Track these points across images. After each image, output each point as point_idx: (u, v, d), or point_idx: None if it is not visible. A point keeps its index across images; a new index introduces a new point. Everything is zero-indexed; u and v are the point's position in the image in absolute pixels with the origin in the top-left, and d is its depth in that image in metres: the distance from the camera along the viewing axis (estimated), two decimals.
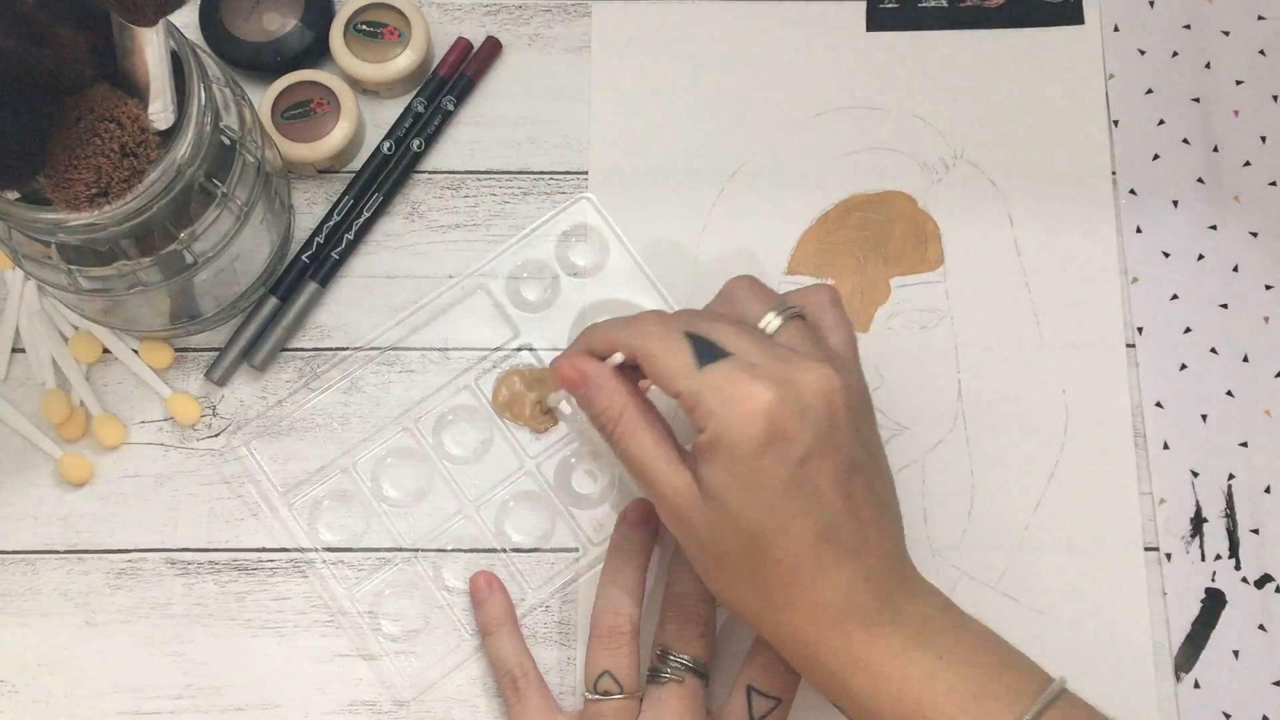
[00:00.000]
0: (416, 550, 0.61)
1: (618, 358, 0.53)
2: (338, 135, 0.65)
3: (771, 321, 0.53)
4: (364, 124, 0.66)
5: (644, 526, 0.59)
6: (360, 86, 0.66)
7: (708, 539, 0.51)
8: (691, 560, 0.54)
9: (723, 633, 0.59)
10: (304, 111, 0.65)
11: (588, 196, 0.65)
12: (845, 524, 0.50)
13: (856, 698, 0.50)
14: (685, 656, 0.55)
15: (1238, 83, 0.67)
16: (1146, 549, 0.61)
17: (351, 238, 0.64)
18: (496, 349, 0.64)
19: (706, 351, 0.51)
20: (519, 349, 0.64)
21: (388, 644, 0.60)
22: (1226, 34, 0.68)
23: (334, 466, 0.62)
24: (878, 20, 0.68)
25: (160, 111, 0.52)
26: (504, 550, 0.61)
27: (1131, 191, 0.66)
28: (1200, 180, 0.66)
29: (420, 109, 0.66)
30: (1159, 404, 0.63)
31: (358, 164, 0.66)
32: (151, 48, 0.51)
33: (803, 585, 0.50)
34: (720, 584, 0.53)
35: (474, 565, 0.61)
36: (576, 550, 0.61)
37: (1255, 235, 0.65)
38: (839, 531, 0.50)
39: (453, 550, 0.61)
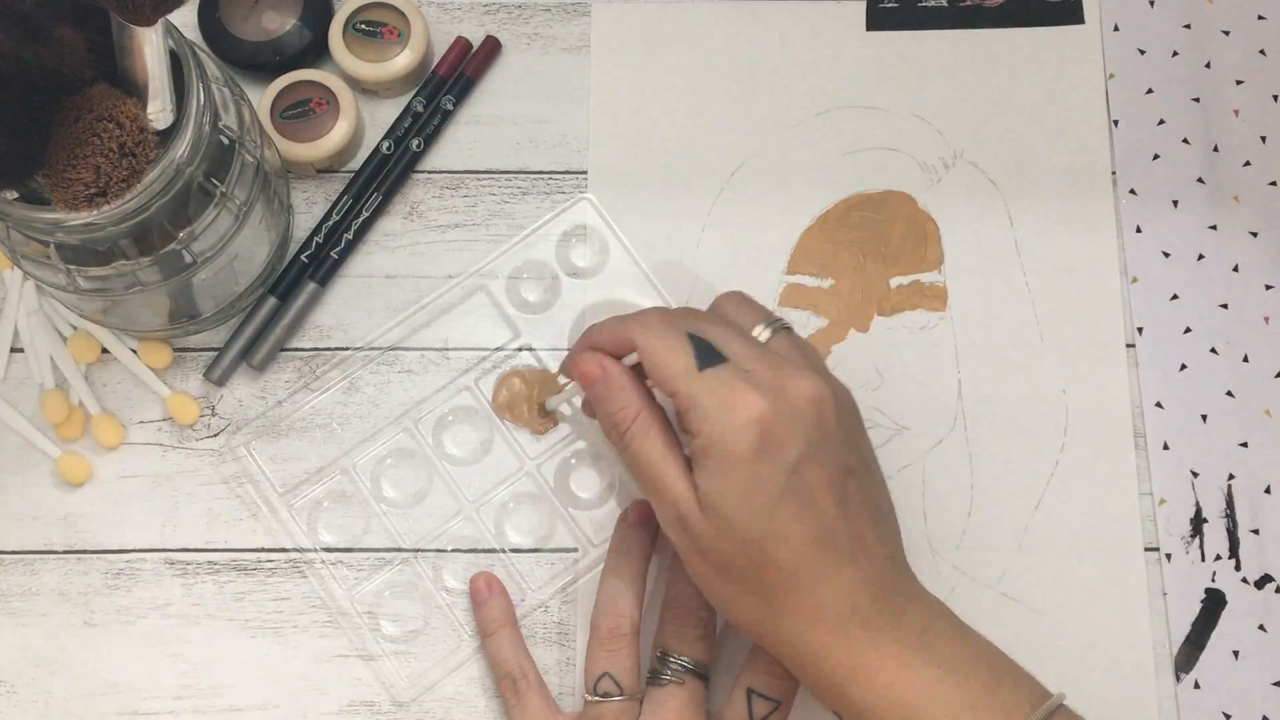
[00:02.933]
0: (416, 551, 0.61)
1: (634, 357, 0.54)
2: (337, 135, 0.64)
3: (761, 333, 0.54)
4: (363, 123, 0.66)
5: (644, 528, 0.59)
6: (359, 86, 0.66)
7: (709, 547, 0.51)
8: (692, 572, 0.54)
9: (723, 634, 0.59)
10: (303, 111, 0.65)
11: (588, 197, 0.65)
12: (841, 529, 0.50)
13: (855, 705, 0.51)
14: (685, 658, 0.55)
15: (1238, 82, 0.67)
16: (1146, 549, 0.61)
17: (350, 237, 0.64)
18: (498, 349, 0.64)
19: (706, 354, 0.51)
20: (519, 350, 0.64)
21: (387, 645, 0.60)
22: (1227, 34, 0.67)
23: (333, 467, 0.62)
24: (878, 20, 0.68)
25: (159, 111, 0.52)
26: (503, 551, 0.61)
27: (1131, 191, 0.66)
28: (1200, 180, 0.66)
29: (419, 108, 0.66)
30: (1159, 404, 0.63)
31: (357, 164, 0.66)
32: (150, 47, 0.51)
33: (803, 589, 0.50)
34: (721, 594, 0.53)
35: (474, 566, 0.61)
36: (576, 550, 0.61)
37: (1255, 235, 0.65)
38: (836, 536, 0.50)
39: (452, 551, 0.61)
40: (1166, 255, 0.65)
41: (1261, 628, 0.60)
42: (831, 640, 0.51)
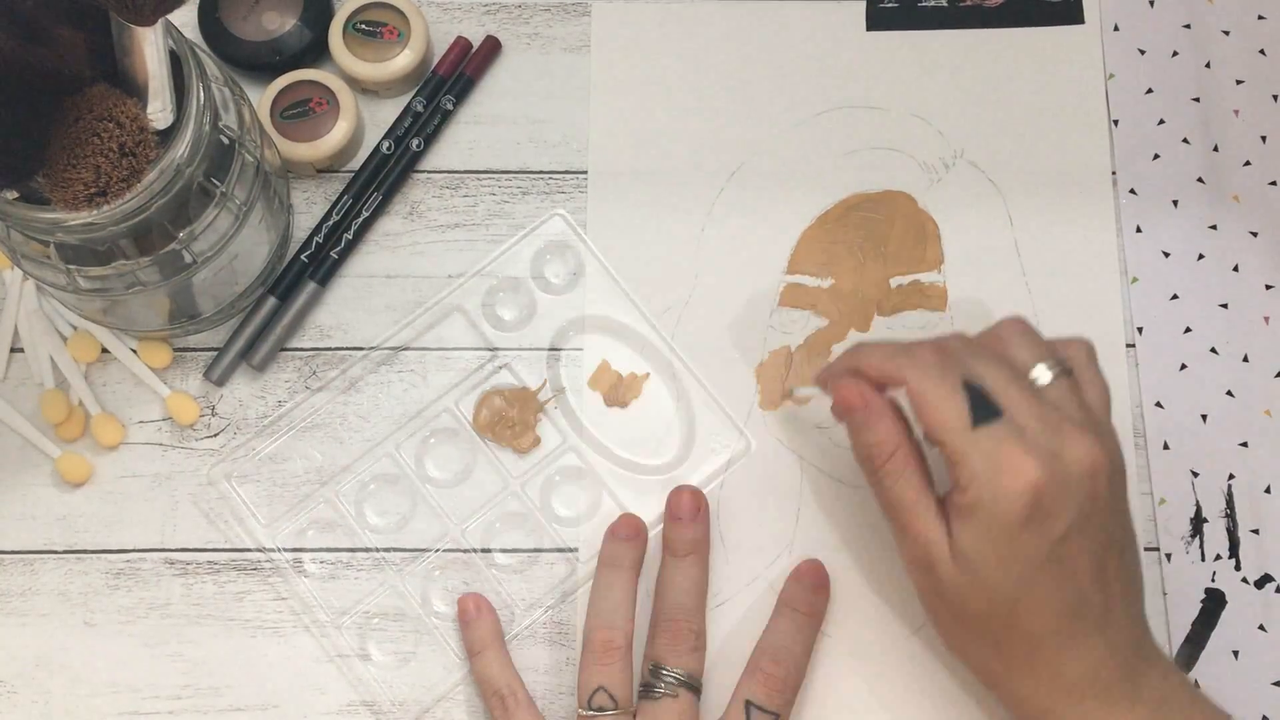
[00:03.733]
0: (403, 574, 0.61)
1: (901, 395, 0.52)
2: (337, 135, 0.64)
3: (1042, 374, 0.52)
4: (363, 123, 0.66)
5: (633, 541, 0.58)
6: (359, 86, 0.66)
7: (953, 597, 0.51)
8: (929, 611, 0.54)
9: (719, 648, 0.59)
10: (303, 111, 0.65)
11: (559, 213, 0.65)
12: (1095, 599, 0.50)
13: None
14: (678, 671, 0.55)
15: (1238, 82, 0.67)
16: (1146, 549, 0.61)
17: (350, 237, 0.64)
18: (495, 354, 0.64)
19: (981, 408, 0.50)
20: (498, 369, 0.63)
21: (377, 672, 0.60)
22: (1227, 34, 0.67)
23: (316, 497, 0.62)
24: (878, 20, 0.68)
25: (159, 111, 0.52)
26: (487, 554, 0.61)
27: (1131, 191, 0.66)
28: (1200, 180, 0.66)
29: (419, 108, 0.66)
30: (1159, 404, 0.63)
31: (357, 163, 0.66)
32: (150, 47, 0.51)
33: (1046, 656, 0.50)
34: (956, 639, 0.54)
35: (462, 586, 0.61)
36: (574, 550, 0.61)
37: (1255, 235, 0.65)
38: (1088, 607, 0.50)
39: (440, 573, 0.61)
40: (1166, 255, 0.65)
41: (1261, 628, 0.60)
42: (1066, 707, 0.51)
